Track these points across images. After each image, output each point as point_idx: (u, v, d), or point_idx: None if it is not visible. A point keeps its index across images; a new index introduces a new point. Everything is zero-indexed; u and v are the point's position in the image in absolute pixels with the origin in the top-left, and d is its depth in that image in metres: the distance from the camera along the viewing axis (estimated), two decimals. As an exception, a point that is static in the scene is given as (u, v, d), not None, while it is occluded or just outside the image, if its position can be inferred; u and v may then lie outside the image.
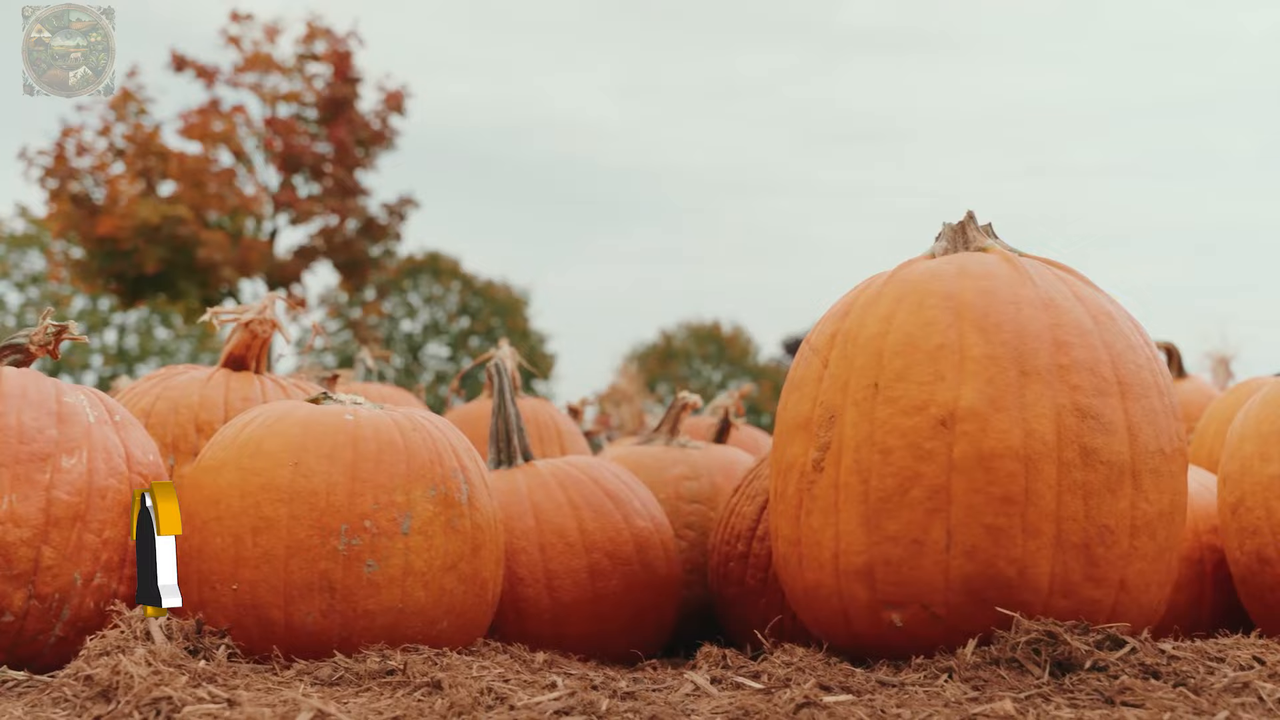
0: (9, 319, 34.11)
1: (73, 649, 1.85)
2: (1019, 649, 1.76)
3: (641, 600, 2.42)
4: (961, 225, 2.16)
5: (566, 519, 2.38)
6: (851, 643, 1.96)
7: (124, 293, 19.15)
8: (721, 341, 40.94)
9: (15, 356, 2.06)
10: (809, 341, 2.11)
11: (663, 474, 2.91)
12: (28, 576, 1.79)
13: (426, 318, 38.22)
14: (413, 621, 1.92)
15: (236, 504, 1.89)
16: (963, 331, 1.89)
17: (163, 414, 2.48)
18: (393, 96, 19.98)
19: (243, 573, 1.87)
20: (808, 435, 1.99)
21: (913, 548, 1.84)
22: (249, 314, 2.67)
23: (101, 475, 1.89)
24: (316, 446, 1.92)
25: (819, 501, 1.94)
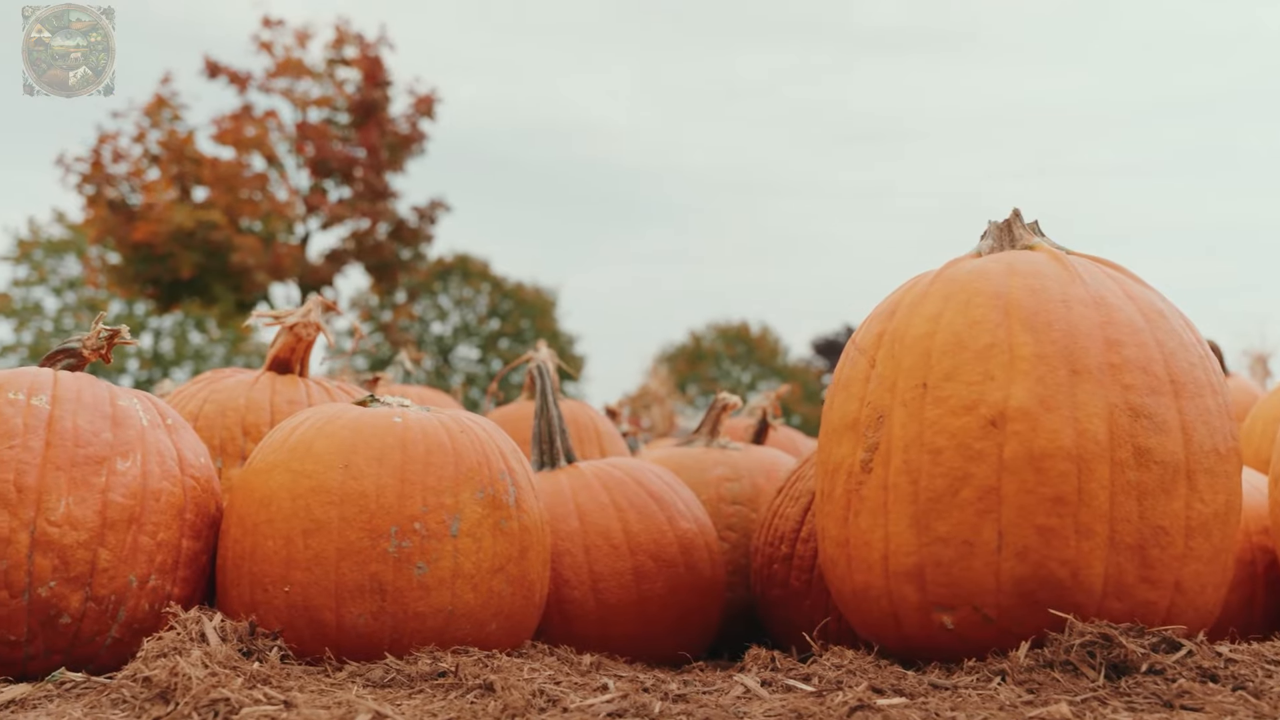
0: (46, 323, 34.54)
1: (128, 650, 1.87)
2: (1073, 651, 1.74)
3: (686, 602, 2.42)
4: (1007, 223, 2.14)
5: (611, 521, 2.38)
6: (901, 645, 1.95)
7: (160, 297, 19.35)
8: (750, 342, 40.86)
9: (69, 361, 2.08)
10: (855, 342, 2.10)
11: (704, 475, 2.91)
12: (85, 579, 1.81)
13: (457, 320, 38.38)
14: (462, 624, 1.93)
15: (287, 506, 1.90)
16: (1012, 330, 1.88)
17: (210, 417, 2.50)
18: (422, 100, 20.08)
19: (294, 575, 1.88)
20: (855, 436, 1.98)
21: (963, 549, 1.83)
22: (293, 317, 2.69)
23: (155, 478, 1.91)
24: (366, 449, 1.93)
25: (868, 502, 1.93)
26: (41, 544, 1.78)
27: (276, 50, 19.76)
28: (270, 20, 19.76)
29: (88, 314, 34.31)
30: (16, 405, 1.85)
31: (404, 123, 19.90)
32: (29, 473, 1.80)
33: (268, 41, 19.76)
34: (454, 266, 37.23)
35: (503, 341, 38.54)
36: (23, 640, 1.78)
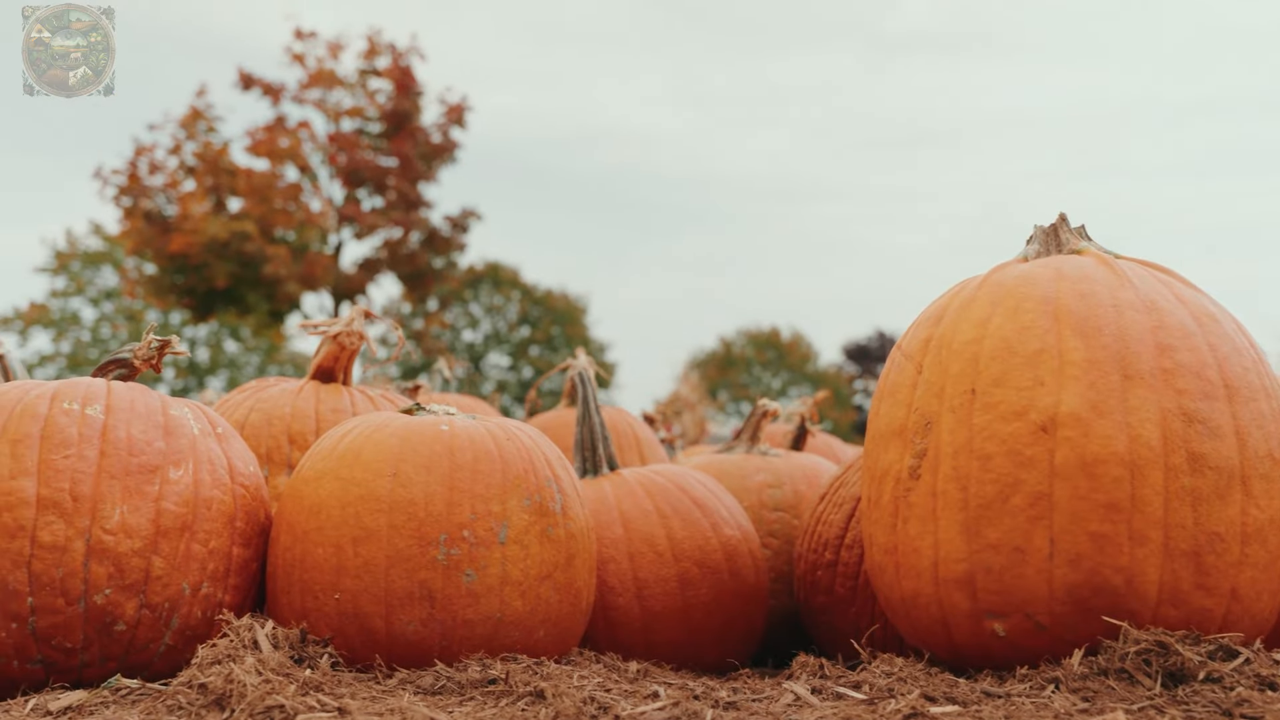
0: (84, 334, 35.00)
1: (181, 657, 1.89)
2: (1128, 659, 1.72)
3: (731, 609, 2.41)
4: (1054, 227, 2.13)
5: (655, 528, 2.38)
6: (951, 652, 1.94)
7: (195, 307, 19.57)
8: (781, 348, 40.75)
9: (120, 371, 2.11)
10: (901, 347, 2.09)
11: (745, 482, 2.90)
12: (139, 586, 1.83)
13: (488, 327, 38.53)
14: (510, 631, 1.93)
15: (337, 514, 1.92)
16: (1061, 336, 1.86)
17: (257, 425, 2.52)
18: (453, 109, 20.21)
19: (344, 582, 1.89)
20: (903, 442, 1.97)
21: (1015, 556, 1.81)
22: (337, 327, 2.71)
23: (206, 486, 1.93)
24: (414, 457, 1.94)
25: (916, 509, 1.92)
26: (97, 552, 1.80)
27: (309, 62, 19.96)
28: (303, 32, 19.96)
29: (124, 324, 34.72)
30: (71, 415, 1.88)
31: (435, 132, 20.04)
32: (84, 481, 1.82)
33: (300, 53, 19.96)
34: (485, 274, 37.40)
35: (533, 349, 38.65)
36: (79, 647, 1.80)
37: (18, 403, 1.90)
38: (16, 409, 1.88)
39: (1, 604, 1.77)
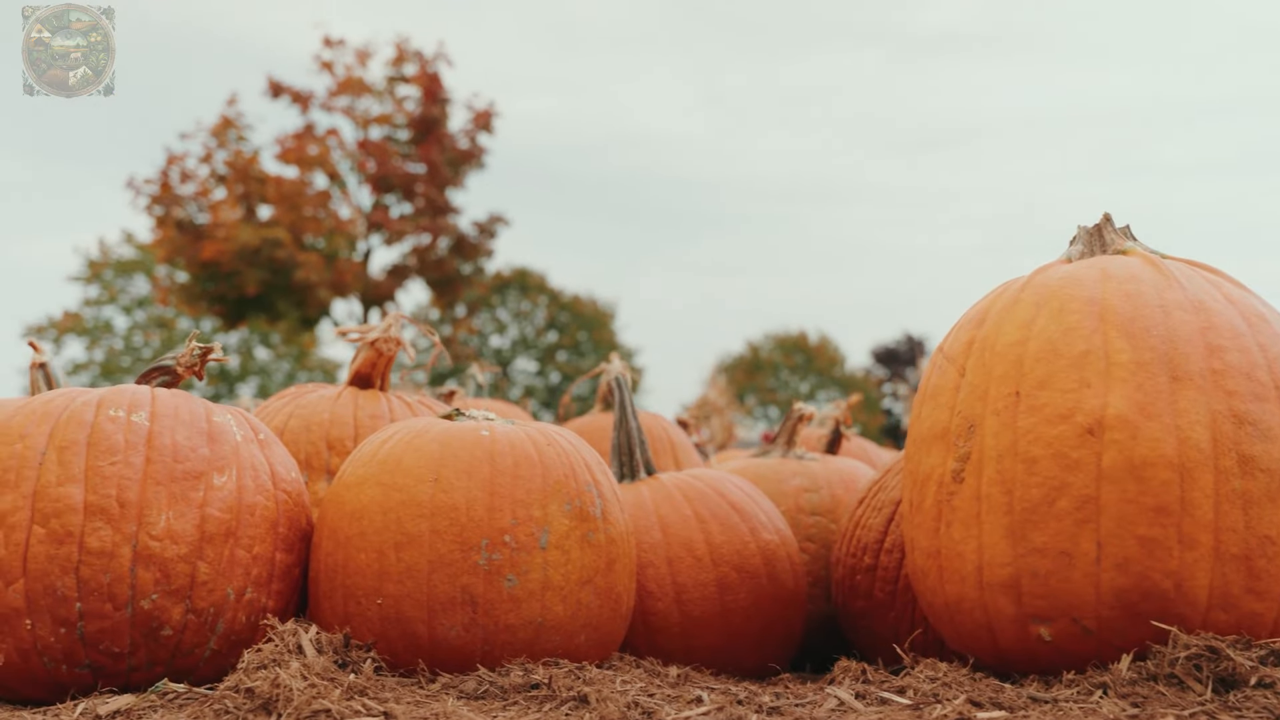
0: (117, 341, 35.38)
1: (225, 662, 1.90)
2: (1178, 665, 1.70)
3: (770, 614, 2.40)
4: (1097, 228, 2.11)
5: (693, 532, 2.37)
6: (995, 657, 1.92)
7: (226, 314, 19.74)
8: (809, 352, 40.63)
9: (164, 378, 2.13)
10: (942, 350, 2.07)
11: (781, 486, 2.89)
12: (185, 591, 1.84)
13: (515, 333, 38.65)
14: (551, 636, 1.93)
15: (379, 520, 1.92)
16: (1108, 337, 1.84)
17: (296, 432, 2.54)
18: (481, 115, 20.30)
19: (387, 587, 1.90)
20: (945, 445, 1.95)
21: (1061, 560, 1.79)
22: (374, 333, 2.72)
23: (250, 492, 1.94)
24: (455, 462, 1.95)
25: (959, 513, 1.91)
26: (143, 557, 1.82)
27: (337, 69, 20.10)
28: (331, 40, 20.11)
29: (156, 332, 35.07)
30: (117, 422, 1.90)
31: (463, 138, 20.13)
32: (130, 488, 1.84)
33: (329, 61, 20.11)
34: (512, 280, 37.53)
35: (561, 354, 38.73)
36: (126, 652, 1.82)
37: (64, 410, 1.92)
38: (63, 416, 1.90)
39: (50, 609, 1.79)
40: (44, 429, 1.88)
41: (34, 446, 1.86)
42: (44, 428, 1.88)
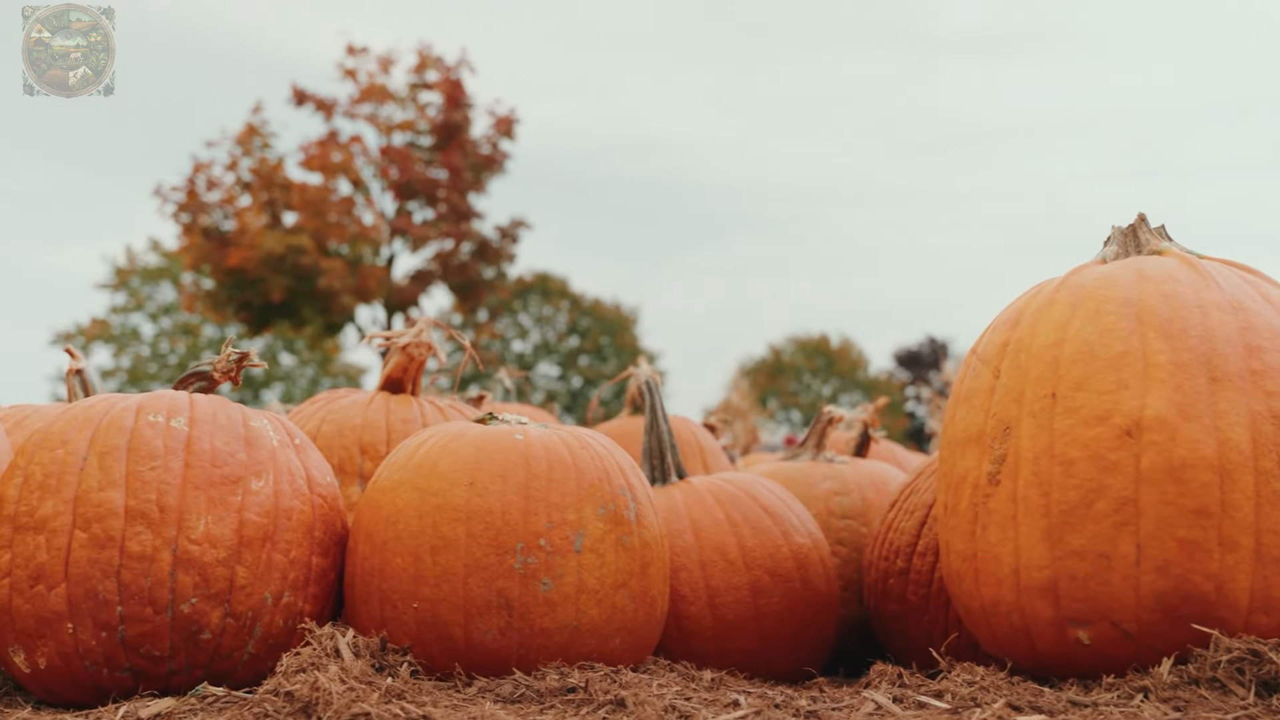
0: (143, 348, 35.68)
1: (263, 665, 1.91)
2: (1220, 668, 1.68)
3: (803, 617, 2.39)
4: (1132, 228, 2.09)
5: (726, 536, 2.37)
6: (1033, 661, 1.91)
7: (251, 321, 19.86)
8: (831, 355, 40.51)
9: (200, 384, 2.15)
10: (976, 352, 2.07)
11: (812, 489, 2.89)
12: (224, 595, 1.85)
13: (537, 338, 38.74)
14: (587, 639, 1.93)
15: (415, 524, 1.93)
16: (1145, 338, 1.83)
17: (329, 436, 2.55)
18: (502, 121, 20.36)
19: (423, 591, 1.91)
20: (980, 448, 1.95)
21: (1100, 562, 1.78)
22: (405, 338, 2.74)
23: (286, 497, 1.96)
24: (490, 466, 1.95)
25: (995, 515, 1.90)
26: (183, 562, 1.83)
27: (361, 77, 20.21)
28: (354, 48, 20.23)
29: (182, 339, 35.34)
30: (156, 427, 1.91)
31: (485, 144, 20.20)
32: (170, 492, 1.86)
33: (352, 69, 20.23)
34: (534, 285, 37.62)
35: (582, 358, 38.77)
36: (166, 655, 1.83)
37: (104, 415, 1.94)
38: (103, 422, 1.92)
39: (92, 613, 1.80)
40: (85, 434, 1.90)
41: (75, 452, 1.88)
42: (85, 433, 1.90)
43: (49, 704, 1.90)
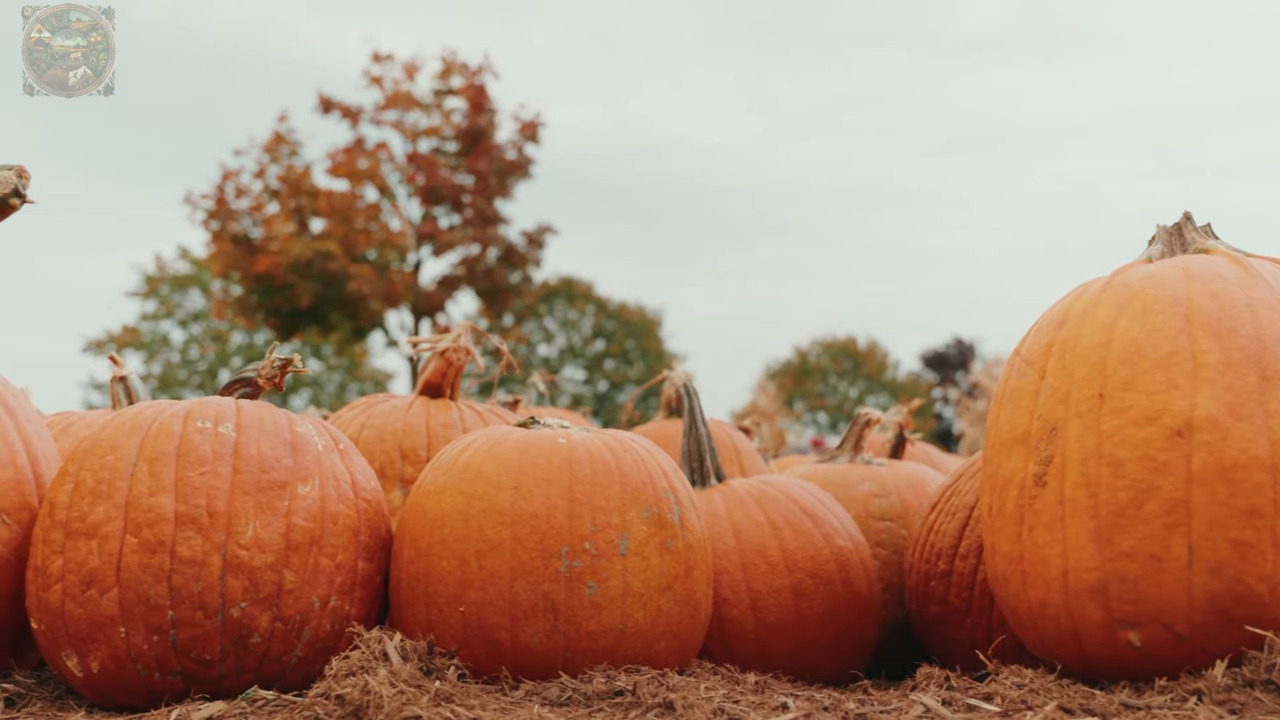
0: (173, 355, 36.00)
1: (311, 669, 1.93)
2: (1275, 670, 1.67)
3: (845, 620, 2.39)
4: (1177, 227, 2.08)
5: (767, 538, 2.37)
6: (1082, 663, 1.89)
7: (280, 327, 20.00)
8: (857, 357, 40.36)
9: (245, 390, 2.16)
10: (1020, 353, 2.05)
11: (850, 491, 2.87)
12: (272, 599, 1.87)
13: (562, 342, 38.80)
14: (632, 642, 1.93)
15: (460, 528, 1.94)
16: (1194, 337, 1.81)
17: (370, 441, 2.57)
18: (527, 126, 20.42)
19: (469, 594, 1.91)
20: (1026, 449, 1.93)
21: (1151, 564, 1.77)
22: (444, 343, 2.75)
23: (332, 501, 1.97)
24: (534, 470, 1.96)
25: (1043, 517, 1.88)
26: (232, 566, 1.85)
27: (386, 84, 20.33)
28: (380, 55, 20.35)
29: (211, 345, 35.64)
30: (205, 433, 1.93)
31: (510, 149, 20.27)
32: (219, 498, 1.87)
33: (378, 76, 20.35)
34: (559, 289, 37.69)
35: (608, 362, 38.80)
36: (216, 659, 1.85)
37: (153, 421, 1.96)
38: (152, 428, 1.94)
39: (144, 617, 1.82)
40: (134, 440, 1.92)
41: (125, 458, 1.90)
42: (134, 439, 1.92)
43: (101, 707, 1.92)
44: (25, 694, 1.95)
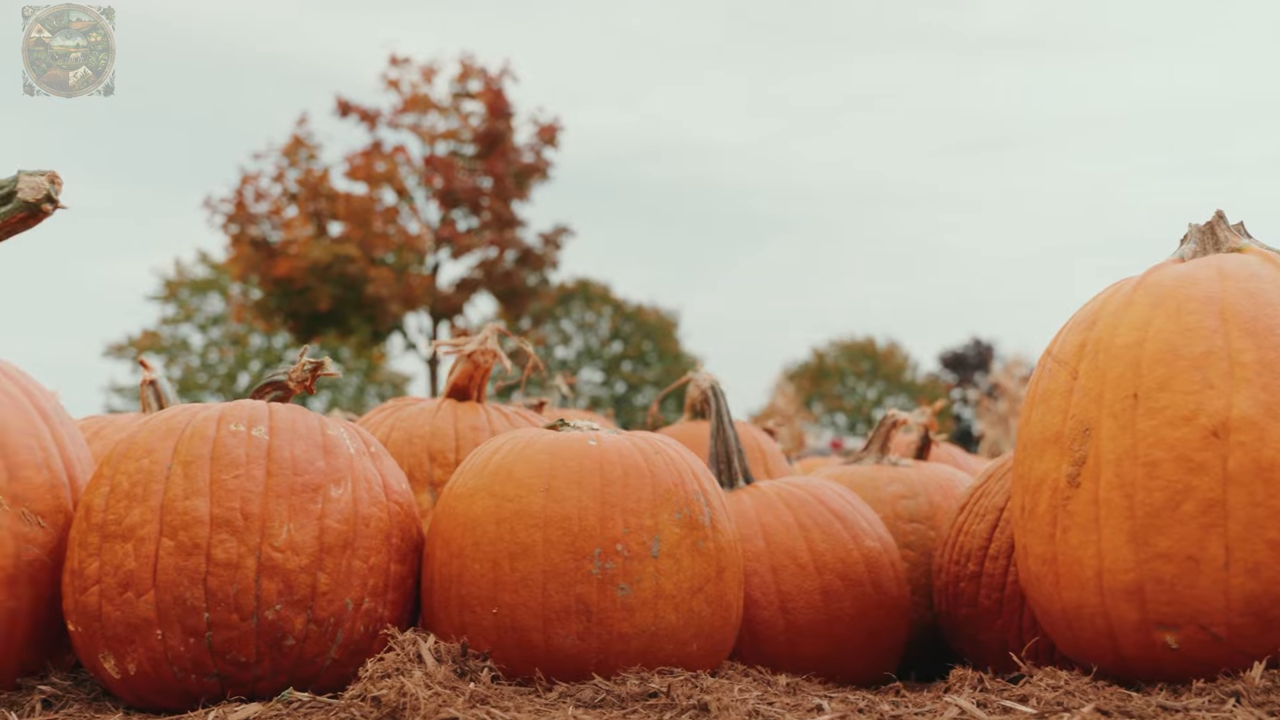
0: (193, 359, 36.20)
1: (344, 671, 1.93)
2: (1315, 672, 1.65)
3: (875, 621, 2.38)
4: (1210, 225, 2.06)
5: (796, 540, 2.36)
6: (1117, 665, 1.88)
7: (299, 330, 20.09)
8: (876, 358, 40.24)
9: (276, 393, 2.18)
10: (1051, 354, 2.04)
11: (878, 493, 2.87)
12: (307, 602, 1.88)
13: (580, 344, 38.82)
14: (664, 644, 1.94)
15: (492, 530, 1.95)
16: (1230, 337, 1.80)
17: (398, 444, 2.58)
18: (545, 129, 20.46)
19: (502, 597, 1.92)
20: (1059, 450, 1.93)
21: (1187, 565, 1.75)
22: (471, 345, 2.76)
23: (364, 504, 1.98)
24: (565, 472, 1.96)
25: (1077, 518, 1.88)
26: (267, 569, 1.86)
27: (404, 87, 20.40)
28: (398, 59, 20.42)
29: (230, 349, 35.82)
30: (238, 436, 1.94)
31: (528, 152, 20.31)
32: (253, 501, 1.88)
33: (395, 79, 20.42)
34: (576, 291, 37.72)
35: (625, 364, 38.80)
36: (252, 661, 1.86)
37: (187, 425, 1.97)
38: (186, 431, 1.95)
39: (180, 619, 1.83)
40: (169, 444, 1.94)
41: (160, 461, 1.92)
42: (169, 443, 1.94)
43: (139, 709, 1.93)
44: (62, 695, 1.97)
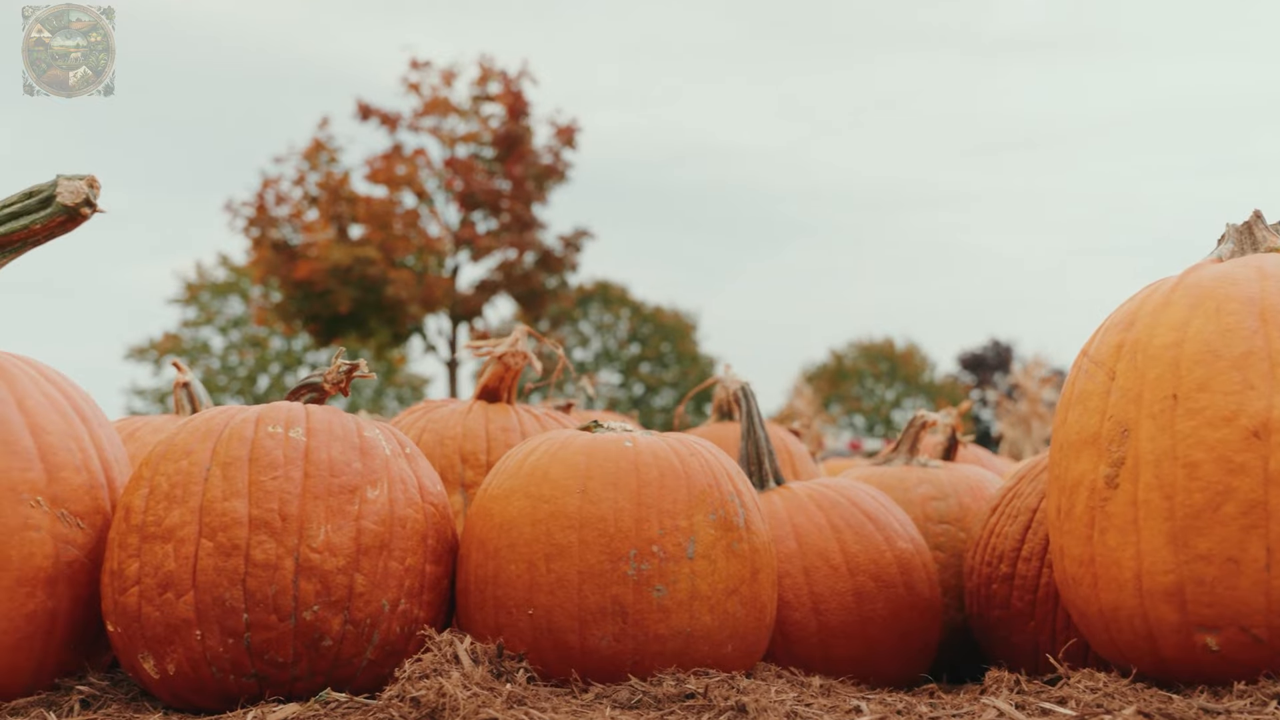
0: (214, 361, 36.41)
1: (381, 671, 1.94)
2: (1359, 675, 1.64)
3: (907, 623, 2.37)
4: (1247, 225, 2.05)
5: (828, 541, 2.36)
6: (1156, 667, 1.87)
7: (319, 332, 20.18)
8: (895, 359, 40.12)
9: (312, 395, 2.19)
10: (1088, 354, 2.04)
11: (908, 494, 2.86)
12: (344, 603, 1.89)
13: (598, 345, 38.86)
14: (700, 645, 1.94)
15: (528, 531, 1.95)
16: (1270, 337, 1.79)
17: (430, 445, 2.59)
18: (564, 131, 20.49)
19: (538, 598, 1.92)
20: (1097, 451, 1.92)
21: (1228, 566, 1.74)
22: (502, 347, 2.76)
23: (400, 505, 1.99)
24: (601, 473, 1.97)
25: (1115, 519, 1.87)
26: (305, 570, 1.87)
27: (424, 90, 20.48)
28: (418, 62, 20.50)
29: (251, 351, 36.01)
30: (276, 438, 1.95)
31: (547, 154, 20.35)
32: (291, 502, 1.89)
33: (416, 82, 20.50)
34: (594, 293, 37.76)
35: (643, 365, 38.82)
36: (290, 662, 1.87)
37: (225, 427, 1.98)
38: (224, 433, 1.97)
39: (219, 620, 1.85)
40: (207, 445, 1.95)
41: (199, 463, 1.93)
42: (207, 444, 1.95)
43: (177, 709, 1.94)
44: (100, 695, 1.98)
